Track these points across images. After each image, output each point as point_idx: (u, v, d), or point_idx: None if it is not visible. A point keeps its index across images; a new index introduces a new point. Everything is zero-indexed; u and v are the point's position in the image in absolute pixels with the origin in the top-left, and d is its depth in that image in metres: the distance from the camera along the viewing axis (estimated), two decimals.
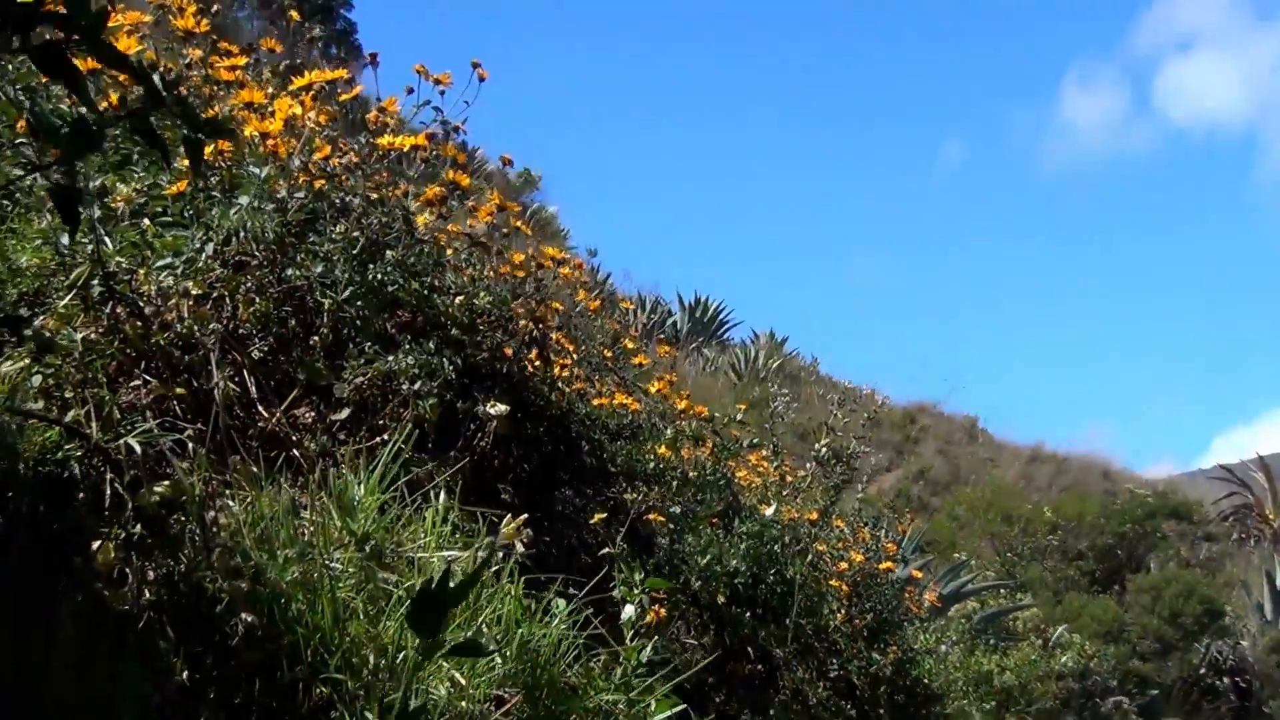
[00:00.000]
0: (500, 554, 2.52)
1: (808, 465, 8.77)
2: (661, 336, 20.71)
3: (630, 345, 5.92)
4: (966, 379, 51.54)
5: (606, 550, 2.66)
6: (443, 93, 3.09)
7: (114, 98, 2.68)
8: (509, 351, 3.33)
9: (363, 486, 2.42)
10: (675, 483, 3.81)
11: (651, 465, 3.69)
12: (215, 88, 3.18)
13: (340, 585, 2.25)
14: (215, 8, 3.51)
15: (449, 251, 3.29)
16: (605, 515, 3.04)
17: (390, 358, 2.79)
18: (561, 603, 2.38)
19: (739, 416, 7.24)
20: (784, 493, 7.32)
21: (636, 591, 2.44)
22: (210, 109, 3.21)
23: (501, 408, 3.08)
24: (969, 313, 59.13)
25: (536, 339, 3.28)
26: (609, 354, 5.66)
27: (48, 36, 1.21)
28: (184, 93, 3.41)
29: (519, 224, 3.23)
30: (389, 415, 2.83)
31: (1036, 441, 24.03)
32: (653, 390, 5.64)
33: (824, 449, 8.02)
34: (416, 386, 2.76)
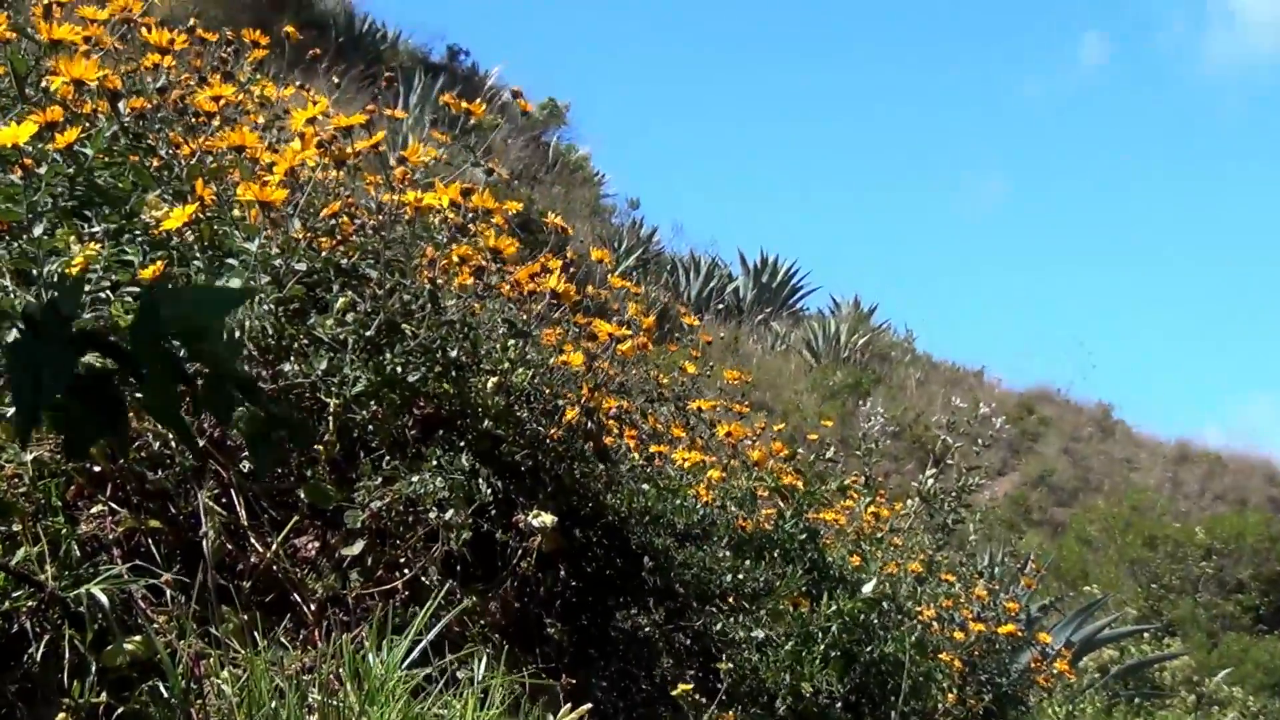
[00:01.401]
0: None
1: (906, 495, 8.72)
2: (720, 306, 20.67)
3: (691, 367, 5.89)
4: (1097, 356, 50.18)
5: None
6: (475, 125, 3.04)
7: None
8: (555, 436, 3.30)
9: (385, 659, 2.41)
10: (758, 593, 3.78)
11: (729, 578, 3.66)
12: (196, 118, 3.16)
13: None
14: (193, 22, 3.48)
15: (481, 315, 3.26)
16: (691, 687, 3.01)
17: (414, 478, 2.77)
18: None
19: (828, 454, 7.22)
20: (879, 535, 7.29)
21: None
22: (188, 144, 3.19)
23: (547, 519, 3.06)
24: (1102, 265, 57.83)
25: (591, 430, 3.26)
26: (664, 379, 5.65)
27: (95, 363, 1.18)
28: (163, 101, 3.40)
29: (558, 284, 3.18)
30: (411, 547, 2.81)
31: (1184, 436, 23.84)
32: (721, 433, 5.64)
33: (929, 481, 7.98)
34: (448, 516, 2.74)
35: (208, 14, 11.78)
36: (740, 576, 3.69)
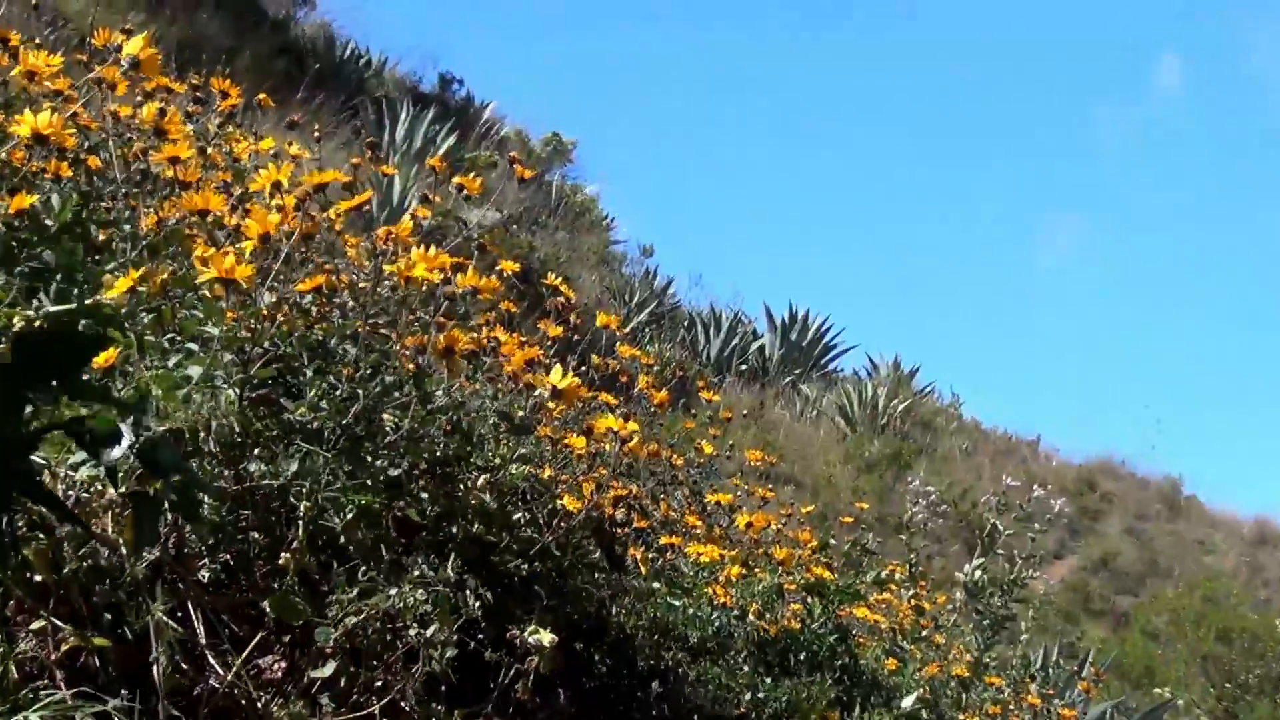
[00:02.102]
0: None
1: (950, 581, 8.69)
2: (744, 367, 20.65)
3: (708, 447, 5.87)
4: (1166, 424, 49.22)
5: None
6: (466, 198, 3.05)
7: None
8: (555, 541, 3.28)
9: None
10: (780, 714, 3.74)
11: (747, 697, 3.63)
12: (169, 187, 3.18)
13: None
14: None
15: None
16: None
17: (393, 590, 2.74)
18: None
19: (866, 541, 7.23)
20: (921, 632, 7.28)
21: None
22: (153, 212, 3.20)
23: (546, 637, 3.03)
24: (1172, 320, 57.06)
25: (601, 527, 3.24)
26: (678, 460, 5.63)
27: None
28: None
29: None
30: (389, 668, 2.78)
31: (1264, 514, 23.61)
32: (741, 524, 5.62)
33: (977, 572, 7.95)
34: (430, 633, 2.72)
35: (174, 41, 11.86)
36: (760, 695, 3.66)
